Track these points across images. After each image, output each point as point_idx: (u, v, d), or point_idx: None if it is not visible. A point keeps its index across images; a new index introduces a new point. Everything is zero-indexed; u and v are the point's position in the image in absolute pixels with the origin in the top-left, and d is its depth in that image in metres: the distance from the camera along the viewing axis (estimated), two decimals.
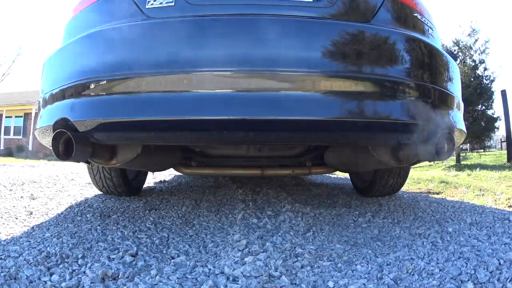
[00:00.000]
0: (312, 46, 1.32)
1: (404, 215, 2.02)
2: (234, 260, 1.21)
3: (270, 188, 2.85)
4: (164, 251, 1.34)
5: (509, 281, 1.01)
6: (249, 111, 1.26)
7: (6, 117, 20.41)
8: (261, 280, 1.05)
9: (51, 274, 1.07)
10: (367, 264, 1.21)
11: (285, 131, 1.39)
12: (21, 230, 1.56)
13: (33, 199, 2.37)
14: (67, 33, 1.68)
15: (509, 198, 2.66)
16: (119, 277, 1.06)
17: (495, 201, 2.68)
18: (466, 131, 1.87)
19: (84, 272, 1.09)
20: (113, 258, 1.21)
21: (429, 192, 3.36)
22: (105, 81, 1.35)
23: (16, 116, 20.29)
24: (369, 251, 1.37)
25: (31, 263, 1.13)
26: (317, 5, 1.42)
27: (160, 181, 3.53)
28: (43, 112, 1.68)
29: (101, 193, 2.57)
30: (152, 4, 1.41)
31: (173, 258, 1.26)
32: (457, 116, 1.70)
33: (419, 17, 1.61)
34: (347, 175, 3.78)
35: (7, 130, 20.46)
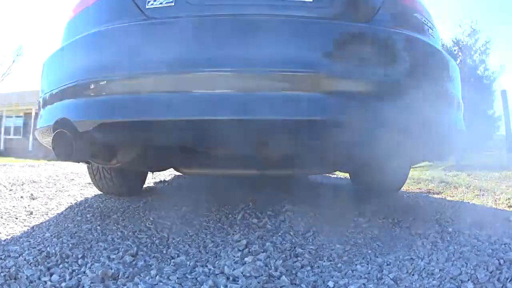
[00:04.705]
0: (312, 47, 1.32)
1: (404, 215, 2.02)
2: (234, 260, 1.21)
3: (270, 188, 2.85)
4: (164, 251, 1.34)
5: (509, 281, 1.01)
6: (249, 111, 1.26)
7: (6, 117, 20.40)
8: (261, 280, 1.05)
9: (51, 274, 1.07)
10: (367, 264, 1.21)
11: (285, 131, 1.39)
12: (21, 230, 1.56)
13: (33, 199, 2.37)
14: (67, 34, 1.68)
15: (509, 198, 2.66)
16: (119, 277, 1.06)
17: (495, 201, 2.67)
18: (465, 131, 1.87)
19: (84, 272, 1.09)
20: (113, 258, 1.21)
21: (429, 192, 3.36)
22: (105, 81, 1.35)
23: (16, 116, 20.28)
24: (369, 251, 1.37)
25: (31, 263, 1.13)
26: (317, 5, 1.42)
27: (160, 181, 3.52)
28: (43, 112, 1.68)
29: (101, 193, 2.57)
30: (152, 4, 1.41)
31: (173, 258, 1.26)
32: (457, 116, 1.70)
33: (419, 17, 1.61)
34: (347, 175, 3.78)
35: (7, 130, 20.45)
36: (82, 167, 4.85)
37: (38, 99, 1.81)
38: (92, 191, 2.78)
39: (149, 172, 3.02)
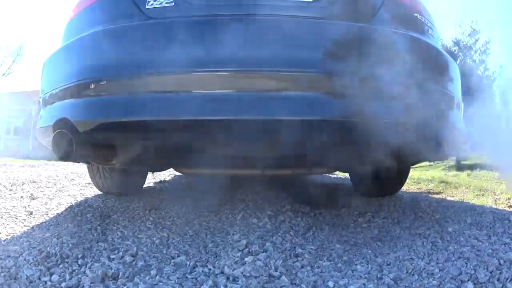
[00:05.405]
0: (312, 46, 1.32)
1: (404, 215, 2.02)
2: (234, 260, 1.21)
3: (270, 188, 2.85)
4: (164, 251, 1.34)
5: (509, 281, 1.01)
6: (249, 111, 1.26)
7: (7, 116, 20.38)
8: (261, 280, 1.05)
9: (51, 274, 1.07)
10: (367, 264, 1.21)
11: (286, 131, 1.39)
12: (21, 230, 1.56)
13: (33, 199, 2.37)
14: (67, 33, 1.68)
15: (509, 198, 2.66)
16: (119, 277, 1.06)
17: (495, 201, 2.67)
18: (465, 131, 1.87)
19: (84, 272, 1.09)
20: (113, 258, 1.21)
21: (429, 192, 3.36)
22: (105, 81, 1.35)
23: (16, 116, 20.27)
24: (369, 251, 1.37)
25: (31, 263, 1.13)
26: (317, 5, 1.42)
27: (160, 181, 3.53)
28: (43, 112, 1.68)
29: (101, 193, 2.57)
30: (152, 4, 1.41)
31: (173, 258, 1.26)
32: (457, 116, 1.70)
33: (419, 17, 1.61)
34: (347, 175, 3.78)
35: (7, 130, 20.44)
36: (82, 167, 4.85)
37: (38, 99, 1.81)
38: (92, 191, 2.78)
39: (149, 172, 3.02)
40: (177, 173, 4.09)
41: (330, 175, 4.62)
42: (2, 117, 20.14)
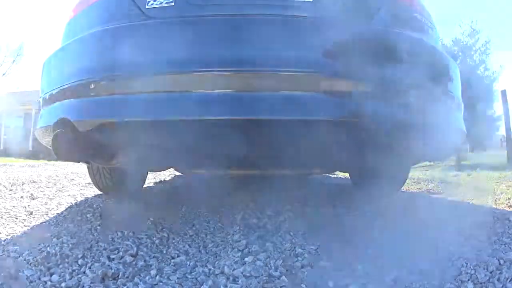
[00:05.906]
0: (312, 46, 1.32)
1: (404, 215, 2.02)
2: (234, 260, 1.21)
3: (270, 188, 2.85)
4: (164, 251, 1.34)
5: (509, 281, 1.01)
6: (249, 111, 1.26)
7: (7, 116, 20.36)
8: (261, 280, 1.05)
9: (51, 274, 1.07)
10: (367, 264, 1.21)
11: (284, 131, 1.39)
12: (21, 230, 1.56)
13: (33, 199, 2.37)
14: (67, 33, 1.68)
15: (509, 198, 2.66)
16: (119, 277, 1.07)
17: (495, 201, 2.67)
18: (466, 131, 1.87)
19: (84, 272, 1.09)
20: (113, 258, 1.21)
21: (429, 192, 3.36)
22: (105, 81, 1.35)
23: (16, 116, 20.27)
24: (369, 251, 1.37)
25: (31, 263, 1.13)
26: (317, 5, 1.42)
27: (160, 181, 3.53)
28: (43, 112, 1.68)
29: (101, 193, 2.57)
30: (152, 4, 1.41)
31: (173, 258, 1.26)
32: (457, 116, 1.70)
33: (419, 17, 1.61)
34: (347, 175, 3.78)
35: (7, 130, 20.45)
36: (82, 167, 4.85)
37: (38, 99, 1.81)
38: (92, 191, 2.78)
39: (149, 172, 3.02)
40: (177, 173, 4.09)
41: (330, 175, 4.62)
42: (2, 117, 20.13)
